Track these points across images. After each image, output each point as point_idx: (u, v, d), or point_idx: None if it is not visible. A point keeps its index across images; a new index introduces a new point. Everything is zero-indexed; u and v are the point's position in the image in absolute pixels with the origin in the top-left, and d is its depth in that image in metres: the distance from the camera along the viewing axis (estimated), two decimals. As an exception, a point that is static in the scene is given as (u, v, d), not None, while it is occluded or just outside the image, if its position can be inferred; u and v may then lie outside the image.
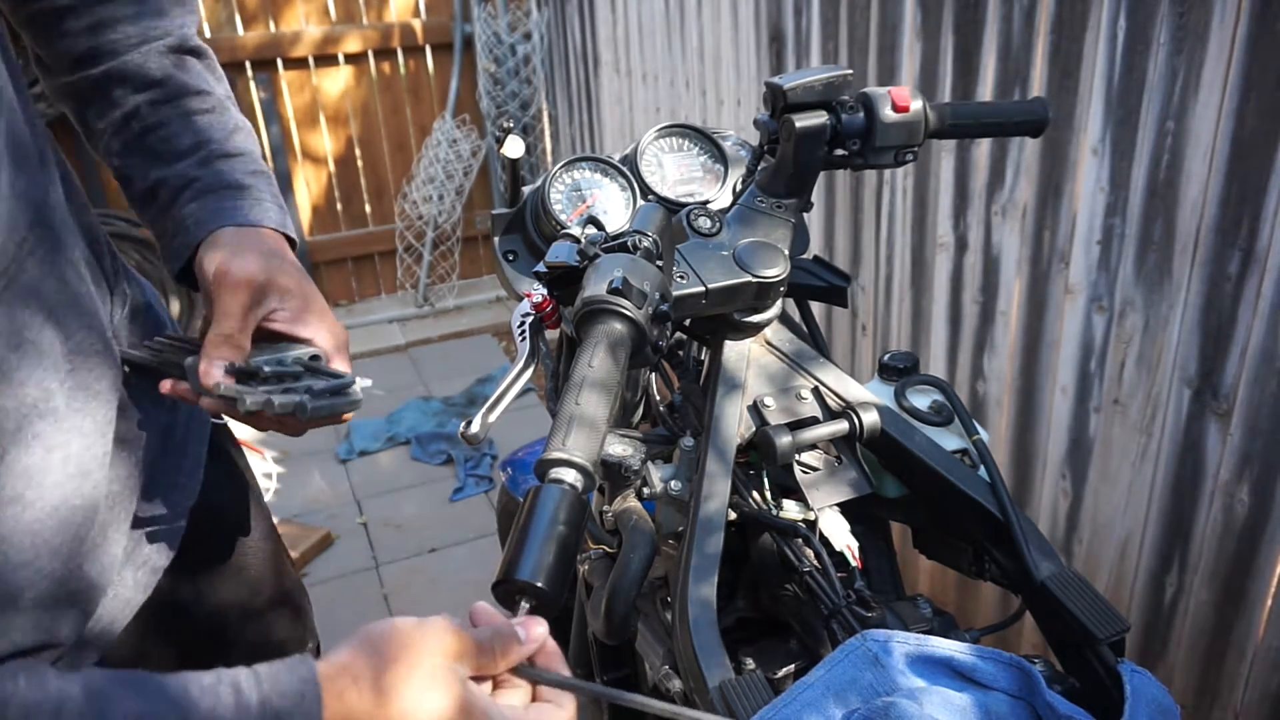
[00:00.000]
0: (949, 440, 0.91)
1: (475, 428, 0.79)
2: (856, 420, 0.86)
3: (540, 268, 0.77)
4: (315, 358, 0.82)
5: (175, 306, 3.51)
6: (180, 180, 0.85)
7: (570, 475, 0.59)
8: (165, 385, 0.80)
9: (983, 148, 1.67)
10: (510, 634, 0.57)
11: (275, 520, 2.98)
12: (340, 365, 0.83)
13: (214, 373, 0.75)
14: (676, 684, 0.83)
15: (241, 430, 0.98)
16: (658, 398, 1.03)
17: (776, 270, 0.85)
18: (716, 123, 2.62)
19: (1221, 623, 1.42)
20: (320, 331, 0.83)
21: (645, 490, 0.88)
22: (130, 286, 0.89)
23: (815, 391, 0.90)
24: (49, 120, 2.82)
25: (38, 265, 0.67)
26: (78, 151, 3.12)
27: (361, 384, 0.80)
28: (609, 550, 1.00)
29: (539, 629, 0.58)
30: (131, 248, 3.40)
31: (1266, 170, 1.20)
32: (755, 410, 0.88)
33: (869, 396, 0.90)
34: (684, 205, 0.97)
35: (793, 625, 0.88)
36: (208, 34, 3.76)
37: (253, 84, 3.86)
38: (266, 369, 0.76)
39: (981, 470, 0.89)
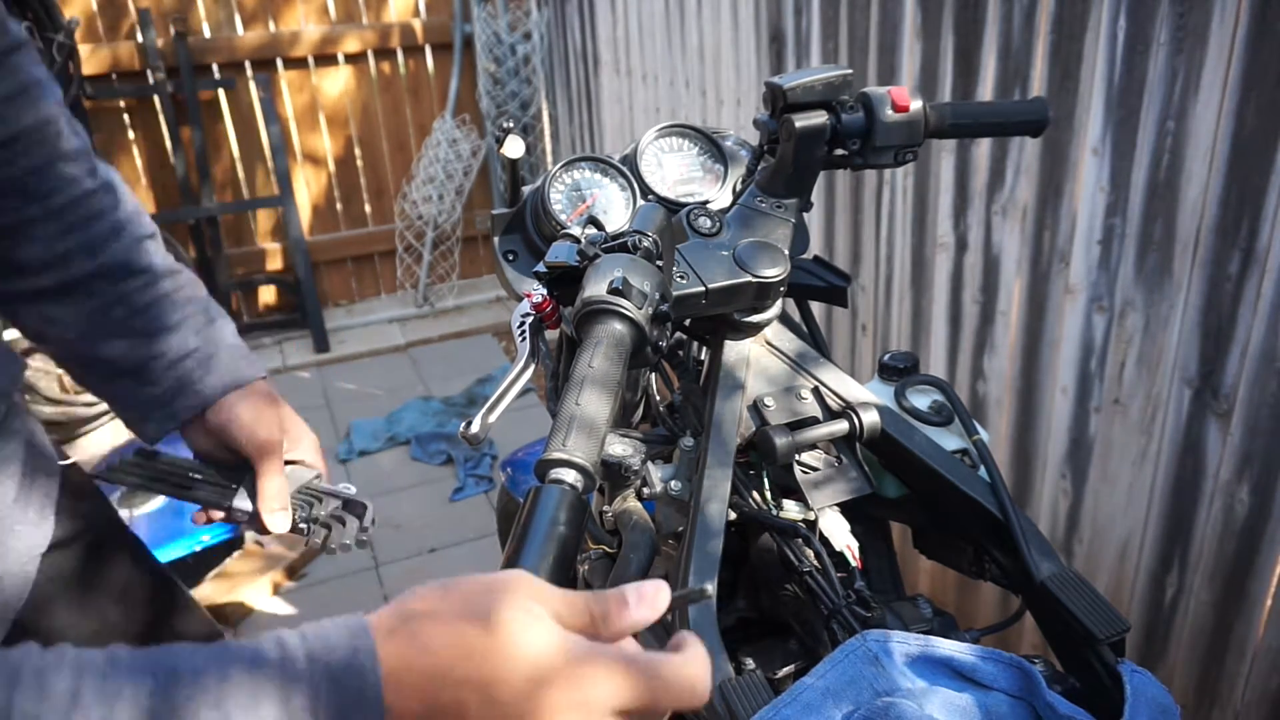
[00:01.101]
0: (949, 440, 0.91)
1: (475, 428, 0.79)
2: (856, 420, 0.86)
3: (540, 268, 0.77)
4: (317, 476, 0.98)
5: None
6: (178, 352, 0.90)
7: (570, 476, 0.59)
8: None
9: (983, 148, 1.66)
10: (616, 597, 0.48)
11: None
12: (321, 466, 0.99)
13: (283, 524, 0.92)
14: (676, 684, 0.83)
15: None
16: (658, 398, 1.03)
17: (776, 270, 0.85)
18: (716, 123, 2.62)
19: (1221, 623, 1.42)
20: (306, 449, 0.98)
21: (645, 490, 0.88)
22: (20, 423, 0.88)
23: (815, 391, 0.90)
24: None
25: None
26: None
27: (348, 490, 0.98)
28: (609, 550, 1.00)
29: (662, 596, 0.49)
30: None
31: (1266, 170, 1.20)
32: (755, 410, 0.88)
33: (869, 396, 0.90)
34: (684, 205, 0.97)
35: (793, 625, 0.88)
36: (207, 34, 3.77)
37: (253, 84, 3.86)
38: (300, 516, 0.94)
39: (981, 470, 0.89)
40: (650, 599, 0.49)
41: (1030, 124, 0.95)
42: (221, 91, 3.83)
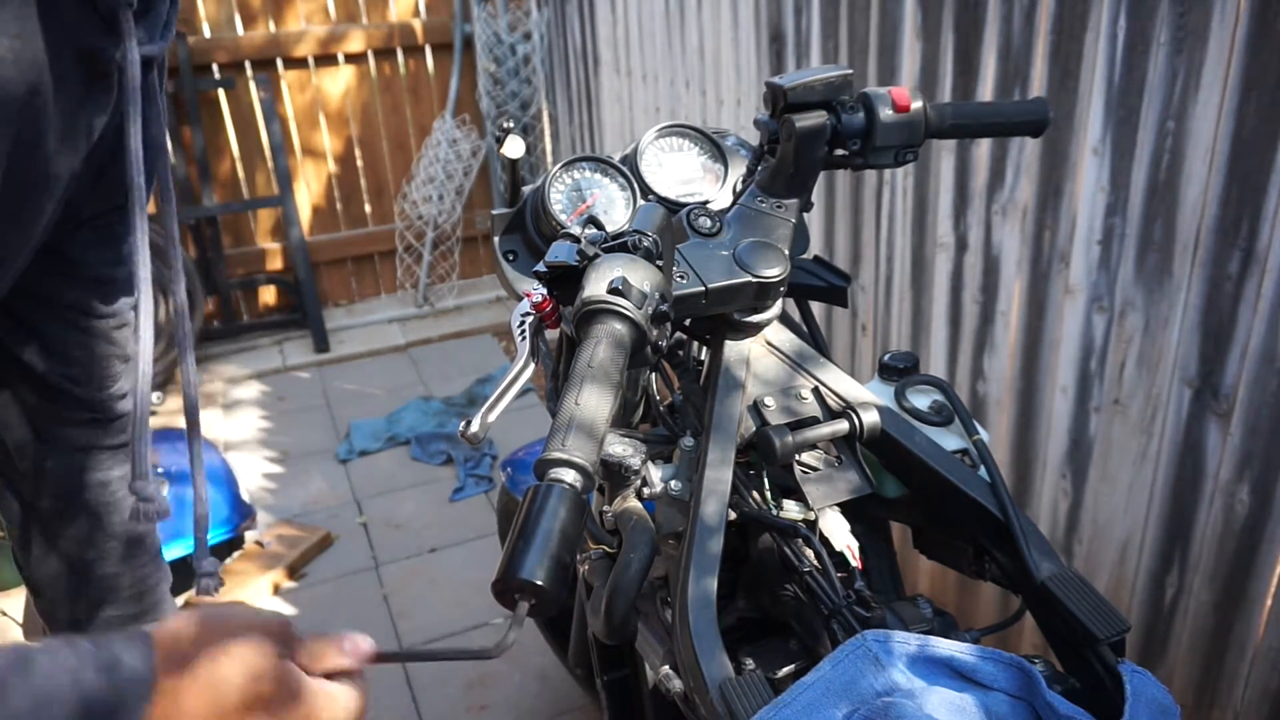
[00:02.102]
0: (949, 440, 0.91)
1: (475, 427, 0.79)
2: (856, 420, 0.86)
3: (540, 267, 0.77)
4: None
5: (175, 307, 3.51)
6: None
7: (569, 475, 0.59)
8: None
9: (983, 148, 1.66)
10: (333, 639, 0.61)
11: (274, 520, 2.97)
12: None
13: None
14: (677, 684, 0.83)
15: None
16: (658, 398, 1.03)
17: (777, 270, 0.85)
18: (716, 123, 2.62)
19: (1222, 623, 1.42)
20: None
21: (645, 490, 0.88)
22: None
23: (815, 391, 0.90)
24: None
25: None
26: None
27: None
28: (609, 550, 1.00)
29: (365, 646, 0.61)
30: (131, 248, 3.40)
31: (1267, 170, 1.20)
32: (755, 410, 0.88)
33: (869, 396, 0.90)
34: (684, 205, 0.97)
35: (793, 625, 0.88)
36: (208, 34, 3.77)
37: (253, 84, 3.86)
38: None
39: (981, 470, 0.89)
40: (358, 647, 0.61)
41: (1031, 124, 0.95)
42: (222, 91, 3.83)
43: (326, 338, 3.97)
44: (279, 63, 3.90)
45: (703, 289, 0.82)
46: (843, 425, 0.86)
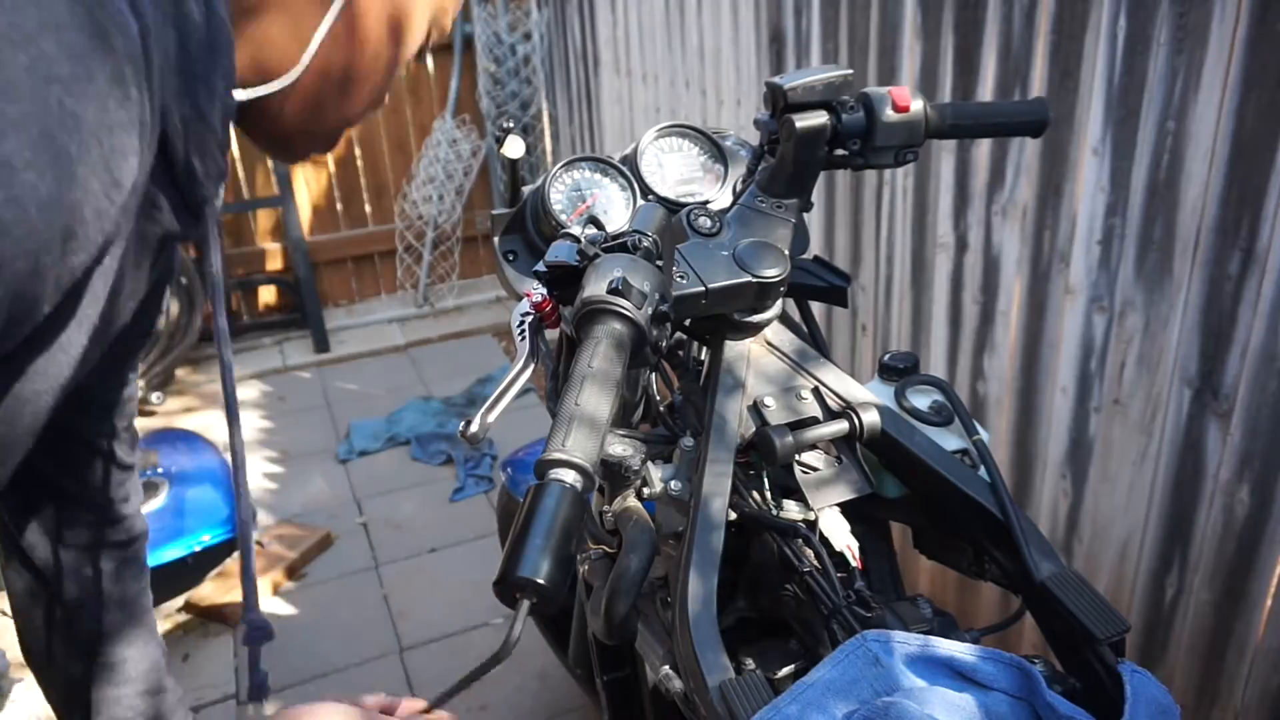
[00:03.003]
0: (949, 440, 0.91)
1: (475, 427, 0.79)
2: (856, 420, 0.86)
3: (540, 267, 0.77)
4: None
5: (175, 307, 3.51)
6: None
7: (570, 476, 0.59)
8: None
9: (983, 148, 1.66)
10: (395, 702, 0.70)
11: (274, 520, 2.97)
12: None
13: None
14: (677, 684, 0.83)
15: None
16: (658, 398, 1.03)
17: (777, 270, 0.85)
18: (716, 123, 2.62)
19: (1222, 623, 1.42)
20: None
21: (645, 490, 0.88)
22: None
23: (815, 391, 0.90)
24: None
25: None
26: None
27: None
28: (609, 550, 1.00)
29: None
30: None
31: (1266, 170, 1.20)
32: (755, 410, 0.88)
33: (869, 396, 0.90)
34: (684, 205, 0.97)
35: (793, 625, 0.88)
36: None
37: (253, 84, 3.86)
38: None
39: (981, 470, 0.89)
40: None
41: (1030, 124, 0.95)
42: (221, 91, 3.83)
43: (326, 338, 3.97)
44: (279, 63, 3.89)
45: (703, 289, 0.82)
46: (843, 425, 0.86)
